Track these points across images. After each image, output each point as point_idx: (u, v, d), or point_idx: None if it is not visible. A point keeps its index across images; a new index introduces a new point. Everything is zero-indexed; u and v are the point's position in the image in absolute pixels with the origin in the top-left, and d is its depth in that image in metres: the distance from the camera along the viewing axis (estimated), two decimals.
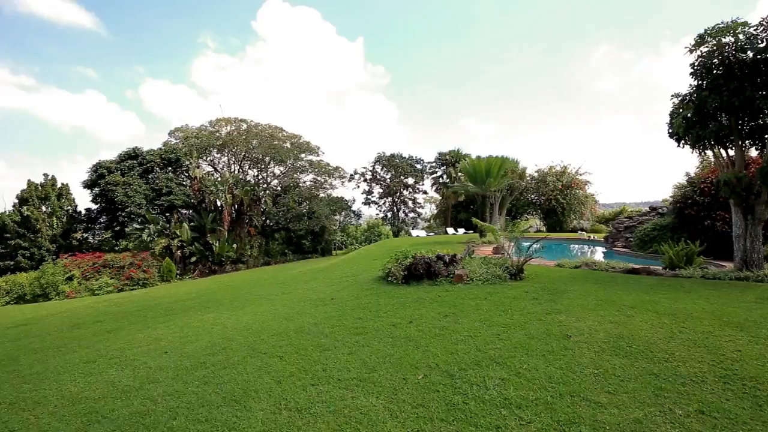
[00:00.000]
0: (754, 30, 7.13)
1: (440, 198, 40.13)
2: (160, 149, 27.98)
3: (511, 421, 2.77)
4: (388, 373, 3.81)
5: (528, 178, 31.30)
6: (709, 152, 8.51)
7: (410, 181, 43.28)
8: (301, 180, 34.95)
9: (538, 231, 27.60)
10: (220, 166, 32.26)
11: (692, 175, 13.97)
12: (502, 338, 4.46)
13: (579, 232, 25.65)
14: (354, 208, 40.12)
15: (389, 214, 44.37)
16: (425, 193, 44.16)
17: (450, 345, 4.39)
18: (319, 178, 35.21)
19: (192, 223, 26.29)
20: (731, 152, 8.08)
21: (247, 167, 33.04)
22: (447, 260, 8.62)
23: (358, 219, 42.19)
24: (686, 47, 7.86)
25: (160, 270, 21.54)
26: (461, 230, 30.24)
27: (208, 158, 31.57)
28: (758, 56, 6.96)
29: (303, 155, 33.61)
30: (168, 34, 65.23)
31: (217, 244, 25.33)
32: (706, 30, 7.58)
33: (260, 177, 33.75)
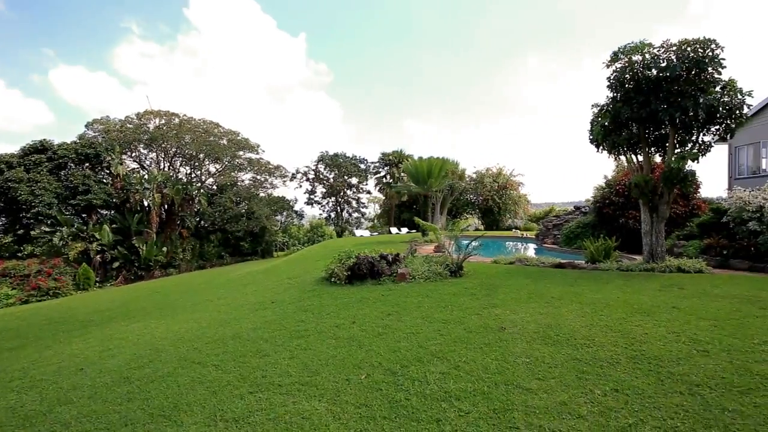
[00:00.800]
0: (657, 51, 8.07)
1: (384, 198, 40.58)
2: (76, 143, 25.08)
3: (451, 413, 2.86)
4: (331, 375, 3.75)
5: (467, 179, 32.76)
6: (622, 157, 9.48)
7: (354, 180, 43.22)
8: (240, 179, 33.38)
9: (477, 229, 28.97)
10: (148, 162, 29.79)
11: (609, 177, 15.48)
12: (442, 333, 4.59)
13: (513, 230, 27.35)
14: (296, 208, 39.22)
15: (333, 214, 43.96)
16: (369, 193, 44.38)
17: (393, 343, 4.43)
18: (258, 177, 33.88)
19: (114, 225, 23.93)
20: (640, 158, 9.08)
21: (178, 164, 30.84)
22: (390, 259, 8.72)
23: (301, 219, 41.33)
24: (603, 62, 8.69)
25: (76, 278, 19.33)
26: (404, 230, 30.78)
27: (134, 154, 28.98)
28: (660, 74, 7.90)
29: (241, 153, 32.12)
30: (84, 15, 58.21)
31: (144, 248, 23.33)
32: (619, 48, 8.44)
33: (194, 175, 31.70)
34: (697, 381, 3.02)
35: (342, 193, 43.31)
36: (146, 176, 26.20)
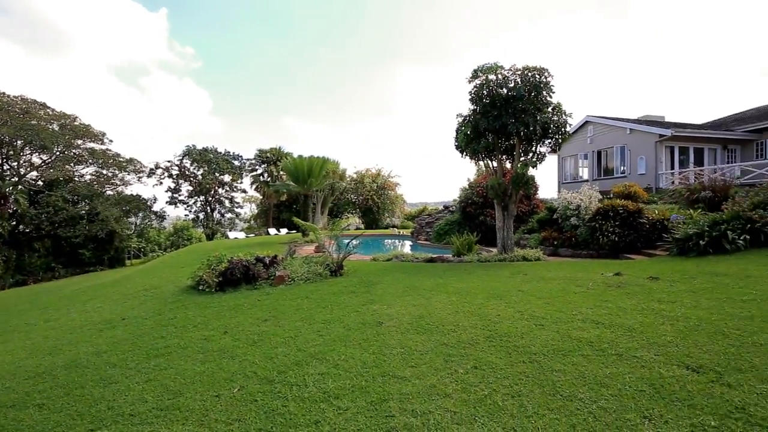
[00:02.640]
0: (507, 73, 9.44)
1: (261, 197, 38.57)
2: None
3: (330, 413, 2.82)
4: (198, 393, 3.34)
5: (348, 179, 33.41)
6: (482, 162, 10.84)
7: (227, 178, 40.02)
8: (78, 173, 27.62)
9: (357, 228, 29.75)
10: None
11: (472, 180, 17.59)
12: (322, 334, 4.54)
13: (391, 228, 28.98)
14: (155, 208, 34.16)
15: (202, 215, 39.97)
16: (244, 191, 41.65)
17: (269, 350, 4.19)
18: (105, 172, 28.52)
19: None
20: (495, 164, 10.50)
21: None
22: (267, 262, 8.30)
23: (162, 221, 36.37)
24: (466, 78, 9.79)
25: None
26: (284, 230, 29.79)
27: None
28: (509, 93, 9.26)
29: (80, 141, 26.59)
30: None
31: None
32: (478, 67, 9.61)
33: (7, 167, 25.04)
34: (535, 350, 3.60)
35: (212, 192, 39.67)
36: None
